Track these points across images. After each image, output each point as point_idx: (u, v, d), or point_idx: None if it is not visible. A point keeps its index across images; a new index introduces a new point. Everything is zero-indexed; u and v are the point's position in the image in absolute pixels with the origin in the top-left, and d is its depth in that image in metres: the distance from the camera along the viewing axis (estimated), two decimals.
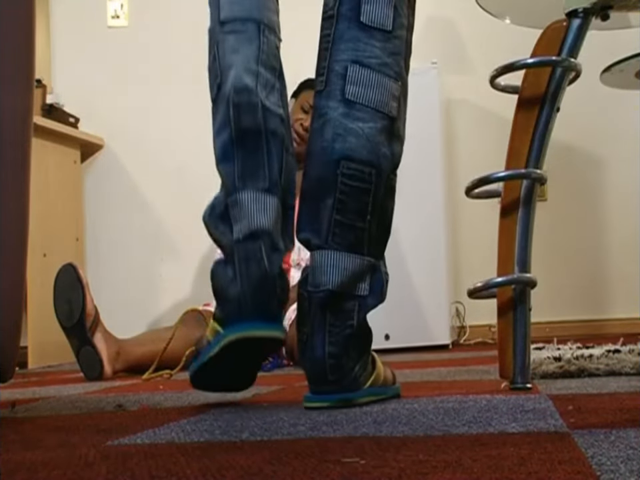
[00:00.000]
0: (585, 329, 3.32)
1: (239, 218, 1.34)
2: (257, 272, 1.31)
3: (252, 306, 1.31)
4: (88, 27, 3.92)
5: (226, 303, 1.33)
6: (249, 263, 1.32)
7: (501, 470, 0.75)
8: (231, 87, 1.35)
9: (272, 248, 1.34)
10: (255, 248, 1.32)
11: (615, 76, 2.53)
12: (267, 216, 1.34)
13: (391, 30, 1.33)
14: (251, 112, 1.35)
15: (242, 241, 1.32)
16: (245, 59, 1.36)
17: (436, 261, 3.02)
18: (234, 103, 1.35)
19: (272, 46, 1.40)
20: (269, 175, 1.35)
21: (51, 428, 1.27)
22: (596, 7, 1.49)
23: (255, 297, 1.31)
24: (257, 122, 1.35)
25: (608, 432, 0.92)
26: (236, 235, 1.33)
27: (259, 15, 1.38)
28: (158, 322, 3.58)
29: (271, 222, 1.34)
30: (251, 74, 1.36)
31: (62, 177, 3.55)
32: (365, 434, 1.02)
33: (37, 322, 3.10)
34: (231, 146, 1.35)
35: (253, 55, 1.37)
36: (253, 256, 1.32)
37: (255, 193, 1.34)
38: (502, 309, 1.46)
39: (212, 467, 0.84)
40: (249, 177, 1.34)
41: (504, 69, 1.50)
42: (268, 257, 1.32)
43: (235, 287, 1.31)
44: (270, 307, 1.33)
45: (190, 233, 3.66)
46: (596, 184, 3.46)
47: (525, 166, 1.47)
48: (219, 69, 1.38)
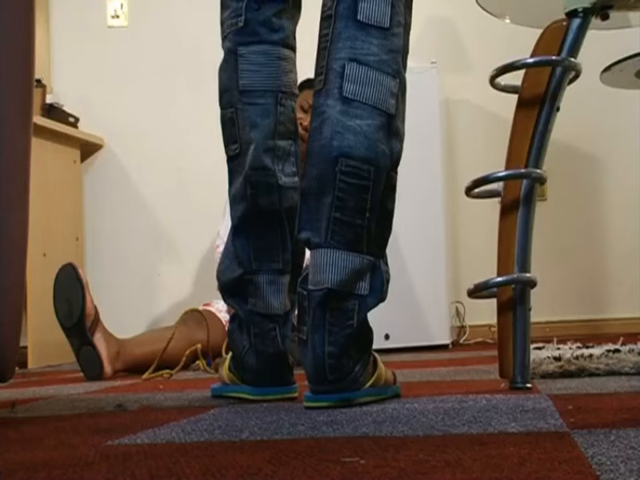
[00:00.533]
0: (584, 329, 3.32)
1: (254, 295, 1.46)
2: (271, 349, 1.46)
3: (268, 378, 1.47)
4: (88, 27, 3.91)
5: (244, 370, 1.49)
6: (264, 341, 1.46)
7: (501, 470, 0.75)
8: (250, 164, 1.44)
9: (286, 325, 1.47)
10: (270, 327, 1.46)
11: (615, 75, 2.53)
12: (280, 298, 1.46)
13: (388, 27, 1.32)
14: (267, 192, 1.44)
15: (257, 315, 1.46)
16: (263, 135, 1.44)
17: (436, 261, 3.02)
18: (251, 182, 1.44)
19: (288, 112, 1.47)
20: (282, 256, 1.46)
21: (51, 428, 1.27)
22: (596, 6, 1.49)
23: (271, 370, 1.47)
24: (273, 202, 1.44)
25: (608, 432, 0.92)
26: (251, 306, 1.46)
27: (277, 84, 1.45)
28: (158, 322, 3.58)
29: (284, 303, 1.47)
30: (269, 151, 1.45)
31: (62, 176, 3.55)
32: (364, 434, 1.02)
33: (36, 322, 3.10)
34: (246, 221, 1.46)
35: (270, 130, 1.44)
36: (267, 334, 1.45)
37: (270, 275, 1.45)
38: (502, 308, 1.46)
39: (212, 466, 0.84)
40: (264, 259, 1.45)
41: (504, 68, 1.50)
42: (282, 336, 1.46)
43: (251, 359, 1.47)
44: (284, 375, 1.48)
45: (190, 232, 3.66)
46: (596, 184, 3.46)
47: (525, 166, 1.47)
48: (238, 136, 1.46)
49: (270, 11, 1.45)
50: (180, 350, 2.37)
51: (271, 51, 1.44)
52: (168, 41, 3.77)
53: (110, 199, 3.84)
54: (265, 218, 1.45)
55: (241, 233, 1.47)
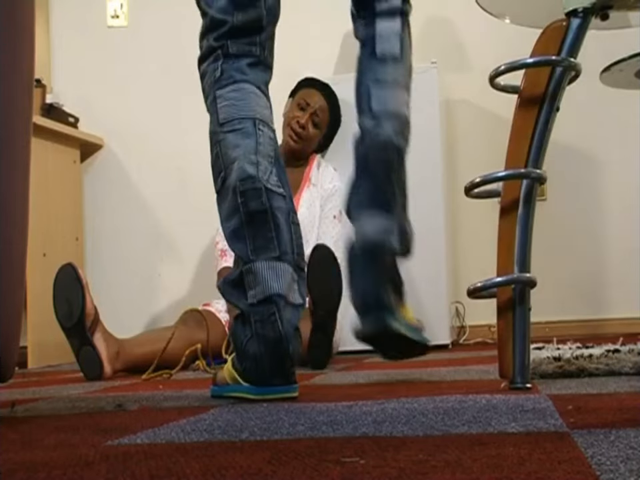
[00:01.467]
0: (584, 329, 3.31)
1: (254, 284, 1.49)
2: (271, 333, 1.48)
3: (268, 365, 1.48)
4: (88, 27, 3.92)
5: (245, 359, 1.51)
6: (265, 325, 1.48)
7: (501, 470, 0.75)
8: (236, 178, 1.52)
9: (286, 309, 1.49)
10: (270, 311, 1.48)
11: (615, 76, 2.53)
12: (279, 281, 1.50)
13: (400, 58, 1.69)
14: (256, 197, 1.52)
15: (257, 304, 1.49)
16: (245, 152, 1.53)
17: (436, 261, 3.01)
18: (240, 192, 1.52)
19: (266, 137, 1.57)
20: (279, 246, 1.51)
21: (51, 428, 1.27)
22: (596, 6, 1.49)
23: (271, 356, 1.48)
24: (263, 203, 1.52)
25: (607, 432, 0.92)
26: (251, 299, 1.49)
27: (253, 113, 1.56)
28: (158, 322, 3.58)
29: (284, 286, 1.50)
30: (252, 164, 1.53)
31: (62, 176, 3.55)
32: (364, 434, 1.02)
33: (37, 322, 3.10)
34: (241, 228, 1.52)
35: (251, 147, 1.54)
36: (268, 318, 1.48)
37: (268, 261, 1.50)
38: (502, 308, 1.46)
39: (212, 466, 0.84)
40: (261, 250, 1.50)
41: (504, 68, 1.50)
42: (282, 320, 1.48)
43: (253, 346, 1.49)
44: (285, 365, 1.50)
45: (190, 232, 3.66)
46: (596, 184, 3.46)
47: (525, 165, 1.47)
48: (222, 164, 1.55)
49: (243, 62, 1.60)
50: (180, 350, 2.37)
51: (245, 87, 1.58)
52: (168, 41, 3.77)
53: (110, 199, 3.84)
54: (258, 220, 1.52)
55: (238, 239, 1.53)
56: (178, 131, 3.75)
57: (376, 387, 1.70)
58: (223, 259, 2.83)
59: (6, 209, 1.31)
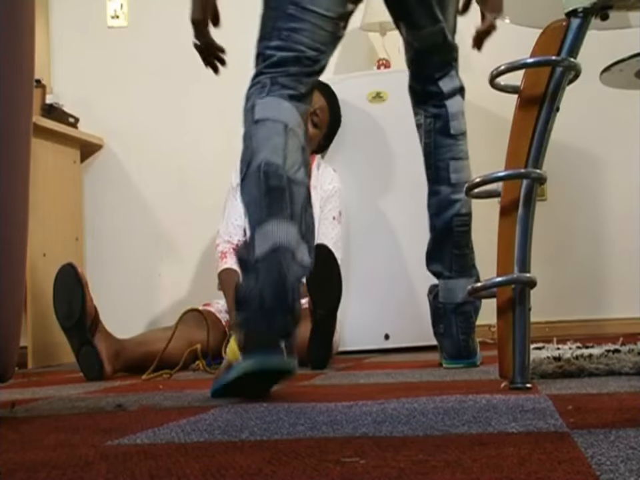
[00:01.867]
0: (584, 329, 3.32)
1: (263, 242, 1.52)
2: (275, 274, 1.49)
3: (270, 302, 1.48)
4: (88, 27, 3.92)
5: (248, 303, 1.50)
6: (270, 267, 1.50)
7: (501, 470, 0.75)
8: (262, 161, 1.58)
9: (293, 263, 1.51)
10: (277, 257, 1.50)
11: (615, 76, 2.54)
12: (288, 236, 1.53)
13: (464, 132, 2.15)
14: (277, 178, 1.57)
15: (264, 255, 1.51)
16: (274, 146, 1.59)
17: None
18: (264, 171, 1.57)
19: (296, 142, 1.62)
20: (292, 211, 1.56)
21: (51, 428, 1.27)
22: (596, 6, 1.49)
23: (274, 292, 1.48)
24: (282, 184, 1.57)
25: (607, 432, 0.92)
26: (258, 253, 1.51)
27: (287, 119, 1.63)
28: (158, 322, 3.58)
29: (292, 240, 1.53)
30: (280, 157, 1.59)
31: (61, 176, 3.55)
32: (364, 434, 1.02)
33: (37, 322, 3.10)
34: (258, 197, 1.57)
35: (280, 145, 1.60)
36: (273, 263, 1.50)
37: (279, 221, 1.54)
38: (502, 308, 1.46)
39: (212, 466, 0.84)
40: (274, 213, 1.55)
41: (504, 68, 1.50)
42: (287, 266, 1.50)
43: (257, 285, 1.49)
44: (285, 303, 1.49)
45: (190, 232, 3.66)
46: (596, 184, 3.46)
47: (525, 166, 1.47)
48: (251, 153, 1.61)
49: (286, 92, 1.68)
50: (180, 350, 2.37)
51: (282, 101, 1.66)
52: (168, 41, 3.77)
53: (110, 199, 3.84)
54: (275, 192, 1.56)
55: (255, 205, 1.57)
56: (178, 131, 3.75)
57: (376, 387, 1.70)
58: (223, 261, 2.82)
59: (6, 209, 1.31)
